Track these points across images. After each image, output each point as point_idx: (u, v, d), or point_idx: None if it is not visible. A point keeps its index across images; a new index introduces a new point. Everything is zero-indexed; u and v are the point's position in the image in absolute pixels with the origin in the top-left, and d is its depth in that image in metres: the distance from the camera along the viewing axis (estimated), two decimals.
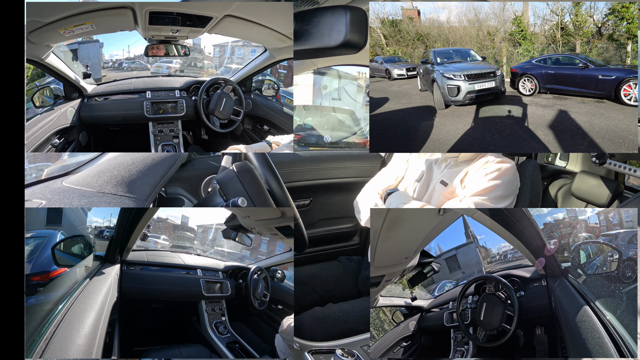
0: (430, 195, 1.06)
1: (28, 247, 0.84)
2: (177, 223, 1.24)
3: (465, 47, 1.67)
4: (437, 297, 0.97)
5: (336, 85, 2.40)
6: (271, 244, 1.37)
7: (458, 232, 0.90)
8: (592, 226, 0.82)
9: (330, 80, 2.34)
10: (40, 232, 0.89)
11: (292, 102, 1.67)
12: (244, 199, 0.95)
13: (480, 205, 0.81)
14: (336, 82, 2.37)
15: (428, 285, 0.94)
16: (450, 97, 1.37)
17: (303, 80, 2.31)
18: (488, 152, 1.05)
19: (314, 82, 2.41)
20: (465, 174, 0.95)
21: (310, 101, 2.34)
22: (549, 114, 1.29)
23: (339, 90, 2.33)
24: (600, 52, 1.48)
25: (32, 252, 0.84)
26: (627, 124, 1.13)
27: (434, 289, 0.93)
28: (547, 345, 0.81)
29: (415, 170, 1.12)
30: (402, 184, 1.15)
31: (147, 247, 1.18)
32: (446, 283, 0.92)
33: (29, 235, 0.86)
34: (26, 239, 0.84)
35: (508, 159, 0.99)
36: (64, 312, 0.69)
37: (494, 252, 0.90)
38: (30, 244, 0.85)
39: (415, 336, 1.07)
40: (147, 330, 1.12)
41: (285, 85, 1.65)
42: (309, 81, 2.39)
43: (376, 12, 1.77)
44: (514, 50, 1.64)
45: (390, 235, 0.82)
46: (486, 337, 0.87)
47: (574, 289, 0.77)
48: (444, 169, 1.03)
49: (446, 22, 1.74)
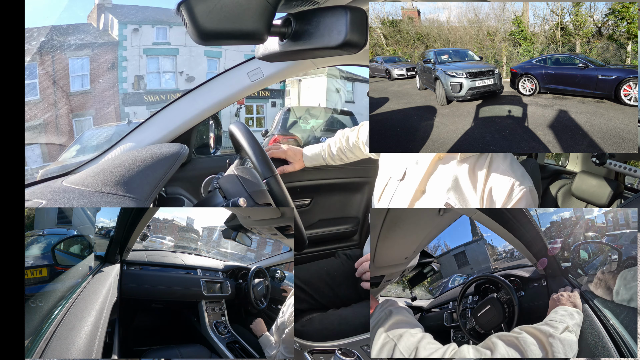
0: (414, 202, 1.06)
1: (41, 244, 0.85)
2: (183, 224, 1.24)
3: (465, 47, 1.67)
4: (437, 297, 0.97)
5: (350, 88, 2.40)
6: (269, 245, 1.37)
7: (465, 229, 0.91)
8: (598, 226, 0.82)
9: (343, 83, 2.34)
10: (53, 230, 0.90)
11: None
12: (244, 199, 0.95)
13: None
14: (350, 84, 2.38)
15: (437, 279, 0.94)
16: (452, 94, 1.45)
17: (315, 83, 2.31)
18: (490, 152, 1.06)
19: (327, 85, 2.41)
20: (482, 190, 0.98)
21: (323, 103, 2.34)
22: (549, 114, 1.29)
23: (352, 92, 2.33)
24: (600, 52, 1.48)
25: (45, 249, 0.86)
26: (627, 124, 1.13)
27: (445, 282, 0.93)
28: None
29: (397, 167, 1.12)
30: (381, 179, 1.16)
31: (153, 247, 1.19)
32: (456, 277, 0.92)
33: (42, 232, 0.87)
34: (38, 236, 0.85)
35: (529, 180, 1.00)
36: (64, 312, 0.69)
37: (500, 250, 0.90)
38: (42, 241, 0.86)
39: None
40: (147, 330, 1.12)
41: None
42: (322, 84, 2.39)
43: (376, 12, 1.77)
44: (514, 50, 1.64)
45: (390, 235, 0.82)
46: (486, 337, 0.87)
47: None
48: (443, 181, 1.03)
49: (446, 22, 1.74)
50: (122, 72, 13.44)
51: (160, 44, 13.96)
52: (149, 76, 13.91)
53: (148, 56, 13.85)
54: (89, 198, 0.80)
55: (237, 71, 1.41)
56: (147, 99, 13.55)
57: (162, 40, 13.97)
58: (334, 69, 14.06)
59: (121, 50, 13.40)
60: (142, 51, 13.72)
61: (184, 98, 1.39)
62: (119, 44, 13.38)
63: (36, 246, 0.86)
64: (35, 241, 0.86)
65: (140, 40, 13.67)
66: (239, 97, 1.42)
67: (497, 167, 1.02)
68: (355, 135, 1.39)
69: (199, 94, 1.39)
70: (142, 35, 13.66)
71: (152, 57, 13.91)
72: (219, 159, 1.56)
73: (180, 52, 14.15)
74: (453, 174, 1.04)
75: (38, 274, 0.82)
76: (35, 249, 0.85)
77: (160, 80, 14.10)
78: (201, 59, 14.59)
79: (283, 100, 15.93)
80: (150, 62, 13.89)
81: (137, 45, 13.63)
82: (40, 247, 0.86)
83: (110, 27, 13.56)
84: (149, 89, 13.82)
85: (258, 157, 1.02)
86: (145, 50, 13.76)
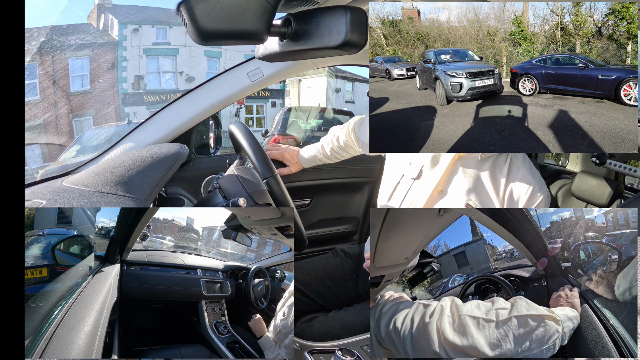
0: (432, 202, 1.06)
1: (41, 244, 0.86)
2: (183, 224, 1.24)
3: (465, 47, 1.67)
4: (437, 297, 0.97)
5: (349, 88, 2.40)
6: (269, 245, 1.37)
7: (465, 229, 0.91)
8: (598, 225, 0.82)
9: (343, 83, 2.34)
10: (53, 230, 0.90)
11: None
12: (244, 199, 0.95)
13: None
14: (350, 85, 2.38)
15: (437, 279, 0.94)
16: (453, 93, 1.46)
17: (316, 83, 2.31)
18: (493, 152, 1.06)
19: (327, 85, 2.41)
20: (504, 191, 1.00)
21: (323, 103, 2.34)
22: (549, 114, 1.29)
23: (352, 92, 2.33)
24: (600, 52, 1.48)
25: (45, 248, 0.86)
26: (627, 124, 1.13)
27: (445, 282, 0.93)
28: None
29: (412, 165, 1.11)
30: (391, 177, 1.15)
31: (153, 247, 1.19)
32: (456, 277, 0.92)
33: (42, 232, 0.87)
34: (38, 236, 0.85)
35: (545, 186, 1.03)
36: (64, 312, 0.69)
37: (500, 250, 0.90)
38: (42, 241, 0.87)
39: None
40: (147, 330, 1.12)
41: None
42: (322, 84, 2.40)
43: (376, 12, 1.77)
44: (514, 50, 1.64)
45: (390, 235, 0.82)
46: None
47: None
48: (460, 180, 1.03)
49: (446, 22, 1.74)
50: (122, 72, 13.44)
51: (160, 44, 13.96)
52: (149, 76, 13.90)
53: (148, 56, 13.85)
54: (89, 198, 0.80)
55: (237, 71, 1.40)
56: (147, 99, 13.55)
57: (162, 40, 13.97)
58: (334, 69, 14.05)
59: (121, 50, 13.40)
60: (142, 51, 13.72)
61: (184, 98, 1.39)
62: (119, 44, 13.38)
63: (36, 246, 0.86)
64: (35, 241, 0.87)
65: (140, 40, 13.67)
66: (239, 97, 1.42)
67: (517, 170, 1.03)
68: (344, 134, 1.37)
69: (199, 94, 1.39)
70: (142, 35, 13.66)
71: (152, 57, 13.91)
72: (219, 159, 1.56)
73: (180, 52, 14.14)
74: (473, 175, 1.04)
75: (38, 274, 0.82)
76: (35, 249, 0.85)
77: (160, 81, 14.10)
78: (201, 59, 14.59)
79: (283, 100, 15.92)
80: (150, 62, 13.89)
81: (137, 45, 13.63)
82: (40, 247, 0.86)
83: (110, 27, 13.56)
84: (149, 89, 13.82)
85: (258, 157, 1.02)
86: (145, 51, 13.76)
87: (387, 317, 0.74)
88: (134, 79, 13.62)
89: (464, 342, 0.60)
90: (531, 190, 1.01)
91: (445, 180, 1.06)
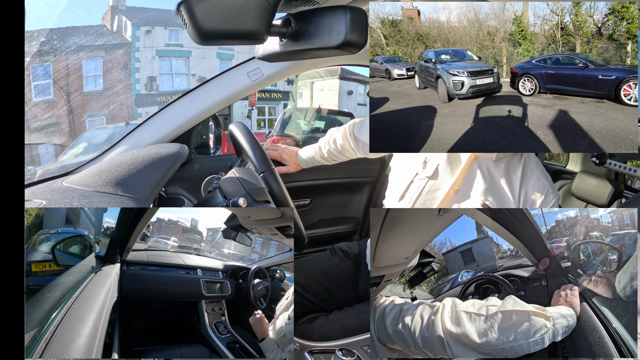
0: (447, 202, 1.06)
1: (50, 243, 0.87)
2: (187, 225, 1.25)
3: (465, 47, 1.68)
4: (437, 298, 0.97)
5: (362, 91, 2.40)
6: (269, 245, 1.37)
7: (470, 227, 0.91)
8: (603, 225, 0.82)
9: (355, 85, 2.34)
10: (67, 229, 0.92)
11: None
12: (244, 199, 0.95)
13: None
14: (362, 87, 2.38)
15: (444, 275, 0.94)
16: (454, 91, 1.51)
17: (328, 85, 2.31)
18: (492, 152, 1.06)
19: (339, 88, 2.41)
20: (519, 191, 1.02)
21: (335, 106, 2.34)
22: (549, 114, 1.29)
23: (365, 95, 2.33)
24: (600, 52, 1.48)
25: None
26: (627, 124, 1.13)
27: (454, 277, 0.93)
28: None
29: (427, 163, 1.11)
30: (403, 176, 1.14)
31: (158, 247, 1.19)
32: (464, 272, 0.92)
33: (57, 231, 0.90)
34: (52, 234, 0.87)
35: (556, 189, 1.06)
36: (64, 312, 0.69)
37: (505, 248, 0.90)
38: (51, 240, 0.89)
39: None
40: (147, 330, 1.12)
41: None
42: (334, 86, 2.39)
43: (376, 12, 1.77)
44: (514, 50, 1.64)
45: (390, 235, 0.82)
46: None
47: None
48: (476, 180, 1.04)
49: (446, 22, 1.74)
50: (135, 73, 13.49)
51: (173, 45, 14.00)
52: (162, 77, 13.96)
53: (160, 58, 13.90)
54: (89, 198, 0.80)
55: (236, 71, 1.40)
56: (159, 100, 13.56)
57: (174, 42, 14.00)
58: (348, 72, 14.00)
59: (134, 52, 13.44)
60: (155, 52, 13.77)
61: (184, 98, 1.38)
62: (132, 46, 13.42)
63: (46, 244, 0.87)
64: (46, 239, 0.88)
65: (152, 41, 13.71)
66: (239, 97, 1.42)
67: (531, 172, 1.04)
68: (341, 137, 1.35)
69: (199, 94, 1.39)
70: (154, 36, 13.71)
71: (165, 58, 13.97)
72: (219, 159, 1.56)
73: (192, 54, 14.17)
74: (489, 175, 1.04)
75: (49, 267, 0.83)
76: (46, 247, 0.87)
77: (173, 82, 14.14)
78: (213, 61, 14.60)
79: (295, 102, 15.85)
80: (162, 64, 13.95)
81: (149, 47, 13.68)
82: (49, 245, 0.87)
83: (123, 28, 13.61)
84: (162, 90, 13.86)
85: (255, 152, 1.03)
86: (157, 52, 13.82)
87: (392, 317, 0.81)
88: (146, 80, 13.66)
89: (458, 331, 0.72)
90: (546, 192, 1.02)
91: (462, 179, 1.05)
